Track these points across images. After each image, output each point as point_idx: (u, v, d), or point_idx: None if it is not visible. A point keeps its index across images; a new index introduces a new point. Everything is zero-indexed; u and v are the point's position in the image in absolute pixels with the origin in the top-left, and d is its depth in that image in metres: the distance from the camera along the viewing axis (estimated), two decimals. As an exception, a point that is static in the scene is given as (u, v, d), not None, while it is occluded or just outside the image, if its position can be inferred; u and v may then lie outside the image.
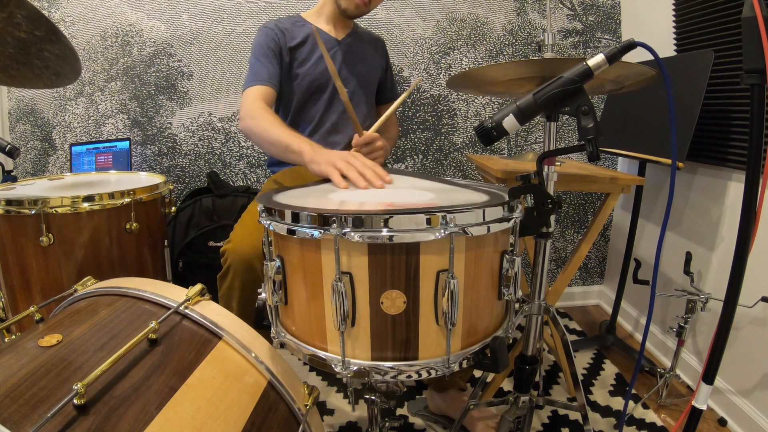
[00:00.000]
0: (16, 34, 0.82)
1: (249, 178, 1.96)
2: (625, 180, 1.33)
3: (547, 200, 0.80)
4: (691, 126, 1.29)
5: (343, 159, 0.92)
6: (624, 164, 2.01)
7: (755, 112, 0.72)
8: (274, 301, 0.74)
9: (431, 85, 1.95)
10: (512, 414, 1.03)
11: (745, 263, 0.76)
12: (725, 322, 0.79)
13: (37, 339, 0.64)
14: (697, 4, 1.46)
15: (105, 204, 1.11)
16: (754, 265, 0.90)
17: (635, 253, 1.75)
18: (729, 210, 1.40)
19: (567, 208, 2.12)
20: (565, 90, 0.73)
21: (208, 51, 1.86)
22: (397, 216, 0.62)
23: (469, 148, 2.02)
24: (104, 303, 0.74)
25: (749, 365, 1.30)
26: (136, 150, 1.90)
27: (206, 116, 1.90)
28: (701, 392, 0.82)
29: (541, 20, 1.94)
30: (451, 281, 0.64)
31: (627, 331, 1.93)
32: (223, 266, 1.11)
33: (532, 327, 0.99)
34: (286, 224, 0.68)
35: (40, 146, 1.90)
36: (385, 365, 0.67)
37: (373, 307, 0.65)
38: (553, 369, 1.64)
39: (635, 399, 1.46)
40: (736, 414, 1.32)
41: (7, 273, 1.10)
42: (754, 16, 0.67)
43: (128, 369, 0.61)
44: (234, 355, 0.71)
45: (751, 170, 0.74)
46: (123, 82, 1.86)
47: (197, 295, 0.76)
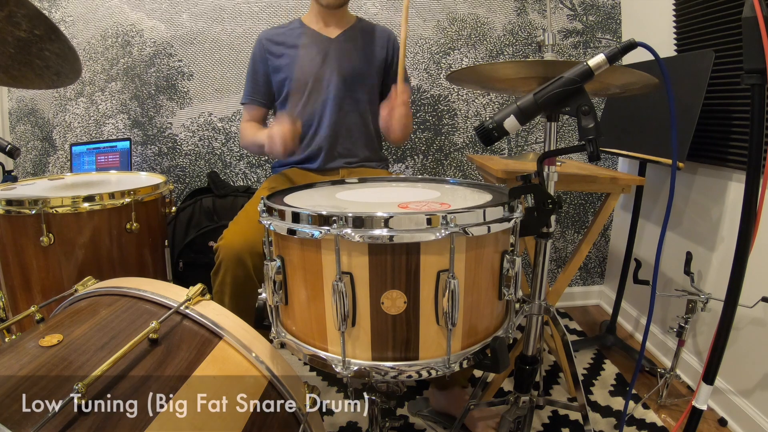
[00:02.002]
0: (16, 33, 0.82)
1: (249, 178, 1.96)
2: (626, 180, 1.33)
3: (548, 200, 0.80)
4: (692, 126, 1.29)
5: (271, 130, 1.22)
6: (624, 164, 2.01)
7: (755, 112, 0.72)
8: (275, 301, 0.74)
9: (431, 85, 1.95)
10: (512, 414, 1.03)
11: (746, 263, 0.76)
12: (725, 322, 0.79)
13: (38, 339, 0.64)
14: (697, 4, 1.46)
15: (105, 204, 1.11)
16: (755, 265, 0.90)
17: (635, 253, 1.75)
18: (729, 210, 1.40)
19: (567, 208, 2.12)
20: (566, 90, 0.73)
21: (208, 51, 1.86)
22: (397, 216, 0.62)
23: (470, 148, 2.02)
24: (105, 303, 0.74)
25: (749, 365, 1.30)
26: (136, 150, 1.90)
27: (206, 116, 1.90)
28: (701, 392, 0.82)
29: (541, 20, 1.94)
30: (452, 281, 0.64)
31: (627, 331, 1.93)
32: (216, 263, 1.13)
33: (532, 327, 0.99)
34: (287, 224, 0.68)
35: (40, 146, 1.90)
36: (385, 365, 0.67)
37: (373, 307, 0.65)
38: (554, 369, 1.64)
39: (635, 399, 1.46)
40: (737, 414, 1.32)
41: (8, 273, 1.10)
42: (755, 16, 0.67)
43: (129, 369, 0.61)
44: (234, 355, 0.71)
45: (751, 170, 0.74)
46: (123, 82, 1.86)
47: (198, 295, 0.76)
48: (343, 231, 0.62)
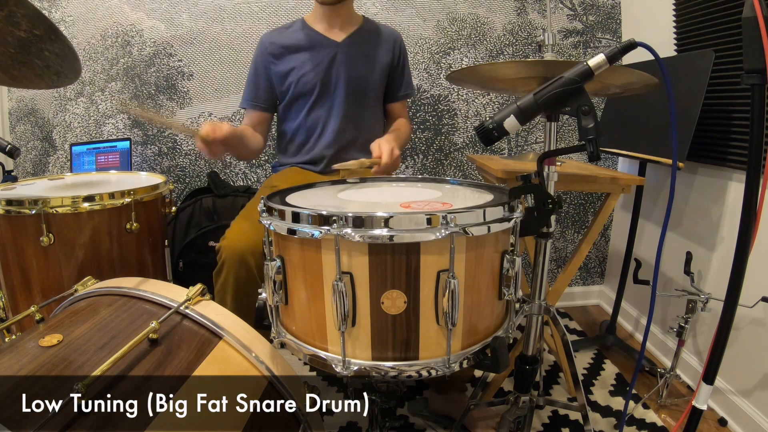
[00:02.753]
0: (16, 33, 0.82)
1: (249, 178, 1.96)
2: (626, 180, 1.33)
3: (548, 200, 0.79)
4: (692, 126, 1.28)
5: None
6: (624, 164, 2.01)
7: (755, 112, 0.73)
8: (275, 301, 0.74)
9: (431, 85, 1.95)
10: (512, 414, 1.03)
11: (746, 263, 0.76)
12: (725, 322, 0.79)
13: (38, 339, 0.64)
14: (697, 4, 1.46)
15: (105, 204, 1.11)
16: (755, 265, 0.90)
17: (635, 253, 1.75)
18: (729, 210, 1.40)
19: (567, 208, 2.12)
20: (566, 90, 0.73)
21: (208, 51, 1.86)
22: (397, 216, 0.62)
23: (470, 148, 2.02)
24: (105, 303, 0.74)
25: (749, 365, 1.30)
26: (136, 150, 1.90)
27: (206, 116, 1.90)
28: (701, 392, 0.82)
29: (541, 20, 1.94)
30: (452, 281, 0.64)
31: (627, 331, 1.93)
32: (218, 262, 1.12)
33: (532, 327, 0.99)
34: (287, 224, 0.68)
35: (40, 146, 1.90)
36: (385, 365, 0.67)
37: (373, 307, 0.65)
38: (554, 369, 1.64)
39: (635, 399, 1.46)
40: (737, 414, 1.32)
41: (8, 273, 1.10)
42: (755, 16, 0.67)
43: (129, 369, 0.61)
44: (234, 355, 0.71)
45: (751, 170, 0.74)
46: (123, 82, 1.86)
47: (198, 295, 0.76)
48: (343, 231, 0.62)
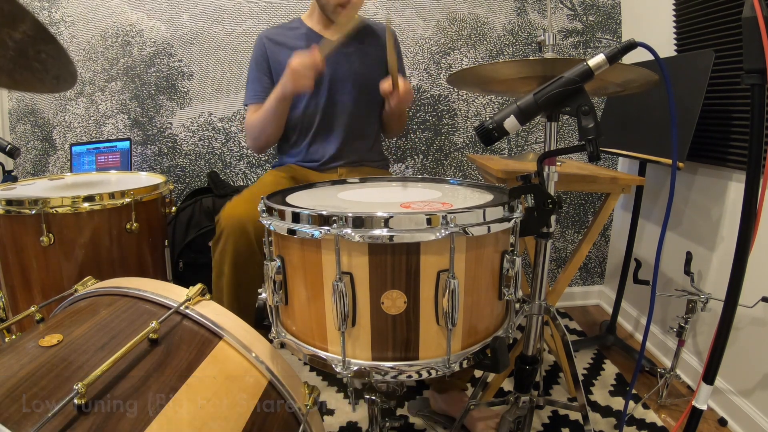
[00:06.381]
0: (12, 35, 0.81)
1: (249, 178, 1.96)
2: (626, 180, 1.33)
3: (548, 200, 0.80)
4: (692, 126, 1.28)
5: (292, 64, 1.15)
6: (624, 164, 2.01)
7: (755, 112, 0.73)
8: (275, 301, 0.74)
9: (431, 85, 1.95)
10: (512, 414, 1.03)
11: (746, 263, 0.76)
12: (725, 322, 0.79)
13: (38, 339, 0.64)
14: (697, 4, 1.46)
15: (105, 204, 1.11)
16: (755, 265, 0.90)
17: (635, 253, 1.75)
18: (729, 210, 1.40)
19: (567, 208, 2.12)
20: (566, 90, 0.73)
21: (208, 51, 1.86)
22: (397, 216, 0.62)
23: (470, 148, 2.02)
24: (105, 303, 0.74)
25: (749, 365, 1.30)
26: (136, 150, 1.90)
27: (206, 116, 1.90)
28: (701, 392, 0.82)
29: (541, 20, 1.94)
30: (452, 281, 0.64)
31: (627, 331, 1.93)
32: (216, 232, 1.12)
33: (532, 327, 0.99)
34: (287, 224, 0.68)
35: (40, 146, 1.90)
36: (385, 365, 0.67)
37: (373, 307, 0.65)
38: (554, 369, 1.64)
39: (635, 399, 1.46)
40: (737, 414, 1.32)
41: (8, 273, 1.10)
42: (755, 16, 0.67)
43: (129, 369, 0.61)
44: (234, 355, 0.71)
45: (751, 170, 0.74)
46: (123, 82, 1.86)
47: (198, 295, 0.76)
48: (343, 231, 0.62)
